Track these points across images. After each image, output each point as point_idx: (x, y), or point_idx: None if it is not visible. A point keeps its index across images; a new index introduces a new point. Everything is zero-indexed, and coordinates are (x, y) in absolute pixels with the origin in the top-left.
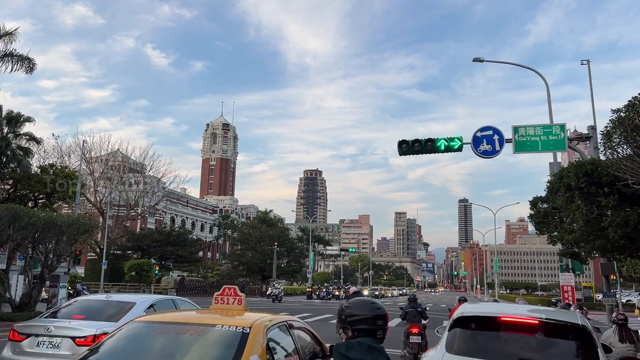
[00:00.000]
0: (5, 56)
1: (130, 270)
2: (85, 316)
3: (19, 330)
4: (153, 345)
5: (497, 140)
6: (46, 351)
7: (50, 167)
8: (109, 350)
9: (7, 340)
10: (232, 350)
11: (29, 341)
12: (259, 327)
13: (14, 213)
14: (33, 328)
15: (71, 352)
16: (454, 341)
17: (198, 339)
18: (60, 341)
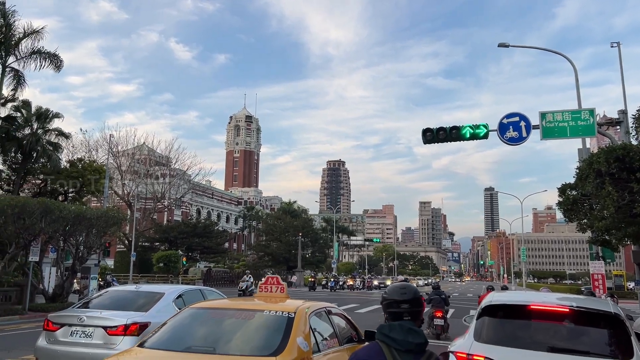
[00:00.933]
0: (33, 53)
1: (159, 261)
2: (116, 306)
3: (53, 320)
4: (210, 327)
5: (523, 127)
6: (79, 340)
7: (79, 161)
8: (172, 331)
9: (42, 329)
10: (280, 333)
11: (62, 331)
12: (302, 312)
13: (46, 207)
14: (66, 318)
15: (103, 341)
16: (482, 330)
17: (249, 322)
18: (93, 330)
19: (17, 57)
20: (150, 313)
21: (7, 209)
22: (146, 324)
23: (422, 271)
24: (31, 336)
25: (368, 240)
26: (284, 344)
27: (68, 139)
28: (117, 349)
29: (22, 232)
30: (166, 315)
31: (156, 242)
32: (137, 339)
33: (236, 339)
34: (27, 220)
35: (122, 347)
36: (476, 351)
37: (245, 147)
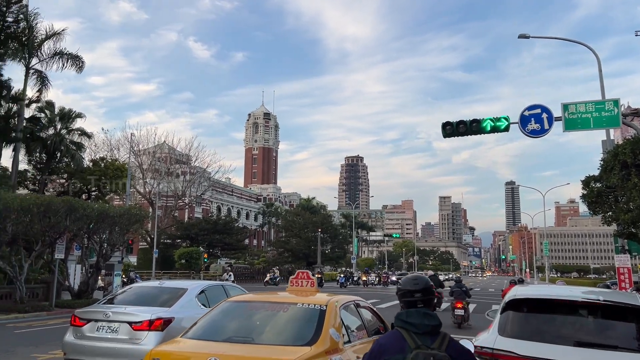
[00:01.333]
0: (55, 55)
1: (180, 258)
2: (141, 302)
3: (80, 316)
4: (247, 319)
5: (545, 119)
6: (105, 335)
7: (101, 160)
8: (212, 323)
9: (70, 325)
10: (313, 324)
11: (89, 326)
12: (333, 305)
13: (70, 205)
14: (93, 314)
15: (128, 336)
16: (507, 324)
17: (284, 314)
18: (118, 326)
19: (40, 58)
20: (174, 308)
21: (33, 207)
22: (170, 320)
23: (442, 266)
24: (58, 332)
25: (387, 235)
26: (318, 334)
27: (90, 138)
28: (142, 344)
29: (48, 230)
30: (189, 311)
31: (178, 239)
32: (162, 334)
33: (272, 330)
34: (52, 219)
35: (147, 342)
36: (501, 345)
37: (263, 144)
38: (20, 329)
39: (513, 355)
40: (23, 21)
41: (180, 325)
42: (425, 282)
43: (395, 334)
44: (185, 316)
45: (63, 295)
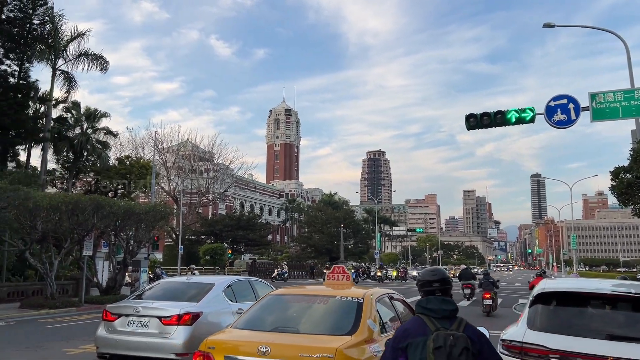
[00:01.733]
0: (81, 56)
1: (205, 254)
2: (169, 297)
3: (111, 311)
4: (291, 310)
5: (572, 109)
6: (136, 330)
7: (126, 158)
8: (259, 314)
9: (101, 320)
10: (352, 315)
11: (120, 321)
12: (369, 297)
13: (97, 203)
14: (123, 309)
15: (158, 330)
16: (536, 317)
17: (324, 306)
18: (148, 320)
19: (66, 59)
20: (202, 303)
21: (62, 205)
22: (198, 314)
23: (467, 261)
24: (88, 327)
25: (411, 230)
26: (357, 325)
27: (116, 137)
28: (172, 338)
29: (76, 227)
30: (217, 305)
31: (202, 236)
32: (191, 329)
33: (315, 321)
34: (80, 217)
35: (176, 336)
36: (530, 339)
37: (285, 141)
38: (51, 324)
39: (543, 349)
40: (49, 23)
41: (207, 319)
42: (442, 273)
43: (417, 320)
44: (213, 311)
45: (92, 292)
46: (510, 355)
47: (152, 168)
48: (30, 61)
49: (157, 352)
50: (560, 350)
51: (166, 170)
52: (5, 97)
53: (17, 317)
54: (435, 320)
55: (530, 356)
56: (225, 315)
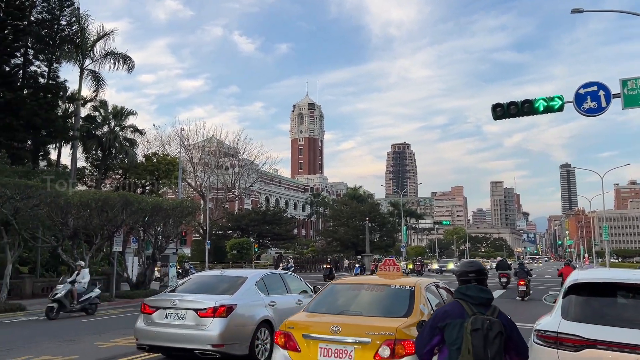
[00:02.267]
0: (107, 55)
1: (232, 248)
2: (204, 290)
3: (149, 304)
4: (353, 297)
5: (602, 96)
6: (173, 322)
7: (153, 155)
8: (325, 300)
9: (140, 313)
10: (406, 301)
11: (158, 313)
12: (419, 286)
13: (126, 200)
14: (161, 302)
15: (194, 322)
16: (570, 308)
17: (382, 293)
18: (185, 313)
19: (93, 59)
20: (236, 296)
21: (92, 202)
22: (232, 306)
23: (495, 253)
24: (119, 321)
25: (437, 223)
26: (411, 308)
27: (142, 134)
28: (207, 329)
29: (106, 224)
30: (250, 298)
31: (229, 230)
32: (226, 320)
33: (375, 305)
34: (109, 213)
35: (212, 328)
36: (565, 329)
37: (309, 135)
38: (83, 319)
39: (578, 339)
40: (75, 24)
41: (242, 311)
42: (478, 265)
43: (456, 304)
44: (246, 303)
45: (122, 287)
46: (545, 345)
47: (179, 164)
48: (59, 61)
49: (193, 343)
50: (596, 339)
51: (192, 166)
52: (36, 97)
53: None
54: (472, 306)
55: (566, 346)
56: (258, 307)
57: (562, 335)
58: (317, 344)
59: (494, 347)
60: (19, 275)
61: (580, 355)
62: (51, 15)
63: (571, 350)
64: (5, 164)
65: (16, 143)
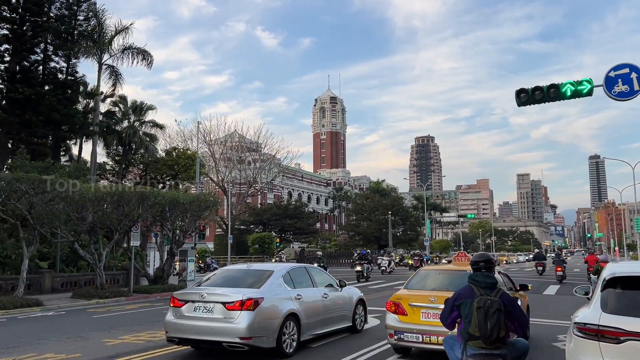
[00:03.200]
0: (125, 49)
1: (254, 243)
2: (232, 283)
3: (178, 297)
4: (440, 279)
5: (635, 79)
6: (202, 315)
7: (173, 150)
8: (419, 281)
9: (169, 306)
10: None
11: (187, 307)
12: None
13: (141, 194)
14: (189, 295)
15: (222, 315)
16: (609, 301)
17: (460, 276)
18: (213, 306)
19: (111, 54)
20: (263, 289)
21: (107, 197)
22: (259, 300)
23: (522, 247)
24: (134, 316)
25: (461, 216)
26: None
27: (163, 129)
28: (236, 322)
29: (122, 218)
30: (276, 291)
31: (251, 225)
32: (253, 314)
33: (458, 284)
34: (125, 208)
35: (240, 320)
36: (606, 322)
37: (331, 129)
38: (98, 314)
39: (620, 331)
40: (93, 18)
41: (269, 304)
42: (487, 256)
43: (468, 287)
44: (273, 296)
45: (142, 282)
46: (586, 338)
47: (197, 158)
48: (77, 57)
49: (222, 336)
50: (637, 332)
51: (214, 161)
52: (55, 93)
53: (67, 306)
54: (480, 289)
55: (607, 338)
56: (284, 300)
57: (604, 327)
58: (419, 310)
59: (492, 320)
60: (39, 271)
61: (622, 347)
62: (69, 11)
63: (613, 342)
64: (25, 159)
65: (36, 139)
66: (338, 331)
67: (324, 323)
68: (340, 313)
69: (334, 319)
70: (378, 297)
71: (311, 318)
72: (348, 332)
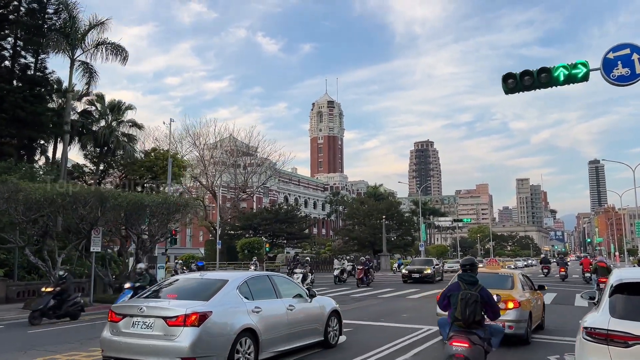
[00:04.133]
0: (99, 45)
1: (243, 248)
2: (179, 295)
3: (116, 311)
4: None
5: (637, 61)
6: (140, 332)
7: (152, 150)
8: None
9: (107, 321)
10: (510, 282)
11: (124, 322)
12: (515, 273)
13: (99, 195)
14: (127, 308)
15: (163, 332)
16: (616, 306)
17: (494, 276)
18: (153, 321)
19: (84, 49)
20: (212, 302)
21: (57, 198)
22: (206, 314)
23: (522, 252)
24: (75, 332)
25: (457, 220)
26: (513, 285)
27: (141, 129)
28: (177, 340)
29: (79, 222)
30: (229, 304)
31: (241, 230)
32: (198, 330)
33: (492, 283)
34: (82, 210)
35: (182, 338)
36: (615, 327)
37: (328, 133)
38: (34, 329)
39: (630, 336)
40: (63, 11)
41: (218, 319)
42: (471, 260)
43: (457, 283)
44: (224, 309)
45: (110, 290)
46: (595, 342)
47: (169, 157)
48: (47, 52)
49: (161, 355)
50: None
51: (203, 164)
52: (21, 89)
53: (12, 319)
54: (465, 284)
55: (617, 342)
56: (239, 314)
57: (613, 332)
58: None
59: (470, 308)
60: None
61: (631, 351)
62: (39, 5)
63: (622, 346)
64: None
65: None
66: (308, 346)
67: (289, 338)
68: (310, 326)
69: (301, 333)
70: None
71: (272, 333)
72: (320, 347)
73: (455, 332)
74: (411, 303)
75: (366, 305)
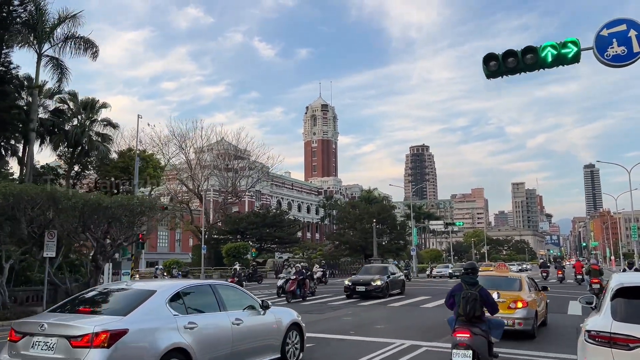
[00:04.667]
0: (67, 39)
1: (228, 254)
2: (94, 309)
3: (16, 328)
4: (489, 281)
5: (634, 38)
6: (41, 354)
7: (128, 151)
8: None
9: (7, 340)
10: (518, 284)
11: (24, 341)
12: (523, 276)
13: (49, 195)
14: (27, 325)
15: (65, 355)
16: (618, 309)
17: (504, 280)
18: (55, 342)
19: (52, 44)
20: (131, 317)
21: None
22: (121, 332)
23: (517, 256)
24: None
25: (450, 224)
26: (521, 287)
27: (116, 128)
28: None
29: (28, 224)
30: (154, 319)
31: (228, 235)
32: (108, 352)
33: (501, 285)
34: (31, 211)
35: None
36: (618, 330)
37: (322, 137)
38: None
39: (632, 338)
40: (30, 3)
41: (136, 338)
42: (473, 265)
43: (460, 284)
44: (146, 325)
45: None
46: (598, 345)
47: (136, 156)
48: (10, 46)
49: None
50: None
51: (189, 167)
52: None
53: None
54: (466, 285)
55: (620, 345)
56: (164, 331)
57: (616, 335)
58: None
59: (470, 305)
60: None
61: (634, 353)
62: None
63: (625, 349)
64: None
65: None
66: None
67: (235, 358)
68: (263, 342)
69: (251, 350)
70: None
71: (211, 353)
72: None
73: (459, 325)
74: (387, 312)
75: (337, 315)
